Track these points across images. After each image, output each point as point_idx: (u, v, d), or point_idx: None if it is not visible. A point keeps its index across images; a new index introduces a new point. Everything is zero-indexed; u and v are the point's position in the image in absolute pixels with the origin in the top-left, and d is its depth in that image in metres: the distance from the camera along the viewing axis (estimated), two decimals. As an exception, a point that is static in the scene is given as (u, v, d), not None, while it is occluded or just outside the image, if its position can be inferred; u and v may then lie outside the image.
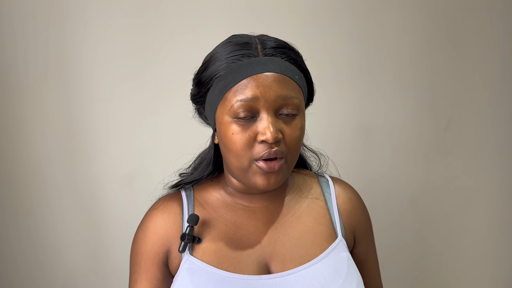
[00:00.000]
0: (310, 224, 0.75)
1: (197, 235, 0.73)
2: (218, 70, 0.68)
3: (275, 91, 0.65)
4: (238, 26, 1.13)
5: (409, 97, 1.35)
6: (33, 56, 1.13)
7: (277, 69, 0.67)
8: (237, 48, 0.68)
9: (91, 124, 1.18)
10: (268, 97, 0.65)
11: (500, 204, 1.46)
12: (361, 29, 1.29)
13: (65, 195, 1.18)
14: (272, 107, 0.66)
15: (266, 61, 0.67)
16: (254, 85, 0.65)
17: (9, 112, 1.14)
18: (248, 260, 0.70)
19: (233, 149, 0.67)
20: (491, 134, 1.42)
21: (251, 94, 0.65)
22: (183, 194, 0.78)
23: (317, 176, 0.83)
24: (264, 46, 0.69)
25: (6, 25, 1.11)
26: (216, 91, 0.68)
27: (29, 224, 1.17)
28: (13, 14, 1.11)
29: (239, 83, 0.66)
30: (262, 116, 0.66)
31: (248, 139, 0.66)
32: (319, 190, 0.80)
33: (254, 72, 0.66)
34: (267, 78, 0.66)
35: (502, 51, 1.40)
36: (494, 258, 1.48)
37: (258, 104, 0.65)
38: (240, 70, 0.66)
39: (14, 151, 1.15)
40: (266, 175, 0.67)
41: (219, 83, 0.68)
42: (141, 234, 0.75)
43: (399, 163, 1.37)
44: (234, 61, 0.67)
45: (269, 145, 0.65)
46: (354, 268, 0.72)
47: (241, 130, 0.66)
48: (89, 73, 1.16)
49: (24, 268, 1.18)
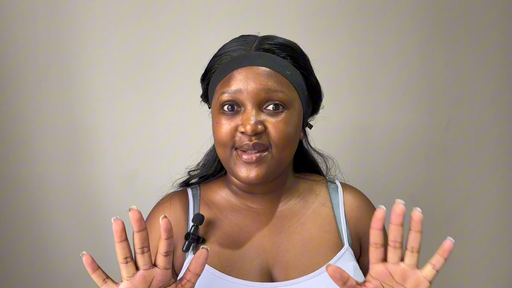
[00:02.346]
0: (315, 231, 0.74)
1: (202, 235, 0.72)
2: (214, 66, 0.72)
3: (259, 84, 0.66)
4: (240, 28, 1.13)
5: (409, 97, 1.35)
6: (33, 56, 1.13)
7: (264, 64, 0.67)
8: (233, 45, 0.71)
9: (92, 124, 1.18)
10: (250, 89, 0.66)
11: (500, 204, 1.46)
12: (361, 29, 1.29)
13: (65, 195, 1.18)
14: (254, 99, 0.66)
15: (254, 56, 0.68)
16: (238, 78, 0.67)
17: (9, 112, 1.14)
18: (251, 266, 0.69)
19: (217, 138, 0.69)
20: (491, 134, 1.42)
21: (235, 86, 0.67)
22: (190, 192, 0.78)
23: (326, 181, 0.82)
24: (261, 43, 0.70)
25: (6, 25, 1.11)
26: (211, 86, 0.72)
27: (29, 224, 1.17)
28: (13, 14, 1.11)
29: (226, 76, 0.68)
30: (245, 108, 0.67)
31: (230, 129, 0.67)
32: (327, 196, 0.78)
33: (240, 65, 0.67)
34: (252, 71, 0.67)
35: (502, 51, 1.40)
36: (494, 258, 1.48)
37: (241, 96, 0.66)
38: (228, 64, 0.69)
39: (14, 151, 1.15)
40: (247, 166, 0.67)
41: (213, 78, 0.71)
42: (148, 229, 0.75)
43: (399, 163, 1.37)
44: (226, 57, 0.70)
45: (248, 137, 0.66)
46: (361, 279, 0.70)
47: (225, 121, 0.67)
48: (89, 73, 1.16)
49: (24, 268, 1.18)
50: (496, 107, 1.41)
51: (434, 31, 1.34)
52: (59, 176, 1.17)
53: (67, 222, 1.19)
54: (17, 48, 1.12)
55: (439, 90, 1.36)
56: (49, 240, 1.19)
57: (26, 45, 1.12)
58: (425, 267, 0.55)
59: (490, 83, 1.40)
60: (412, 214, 0.54)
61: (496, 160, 1.44)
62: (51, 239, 1.19)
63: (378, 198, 1.36)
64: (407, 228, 0.56)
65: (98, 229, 1.21)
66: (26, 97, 1.14)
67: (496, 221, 1.47)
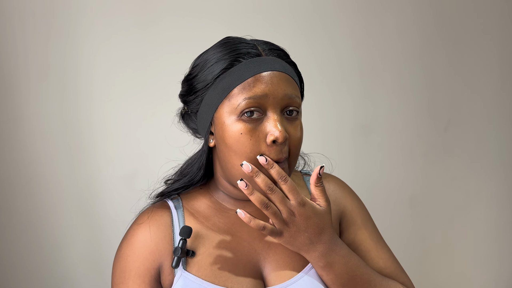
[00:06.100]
0: None
1: (191, 248, 0.68)
2: (220, 69, 0.66)
3: (282, 89, 0.65)
4: (238, 27, 1.13)
5: (409, 97, 1.35)
6: (33, 56, 1.13)
7: (282, 68, 0.66)
8: (239, 47, 0.67)
9: (91, 124, 1.18)
10: (276, 95, 0.64)
11: (500, 204, 1.46)
12: (361, 29, 1.29)
13: (65, 195, 1.18)
14: (279, 105, 0.65)
15: (270, 60, 0.66)
16: (263, 83, 0.64)
17: (9, 112, 1.14)
18: (245, 271, 0.68)
19: (240, 149, 0.64)
20: (491, 134, 1.42)
21: (260, 91, 0.64)
22: (171, 204, 0.73)
23: (302, 175, 0.81)
24: (268, 47, 0.69)
25: (6, 25, 1.11)
26: (217, 91, 0.67)
27: (29, 224, 1.17)
28: (13, 14, 1.11)
29: (246, 81, 0.65)
30: (270, 115, 0.65)
31: (257, 139, 0.64)
32: (305, 189, 0.78)
33: (261, 70, 0.65)
34: (274, 77, 0.65)
35: (502, 51, 1.40)
36: (494, 258, 1.48)
37: (266, 102, 0.64)
38: (246, 68, 0.65)
39: (14, 151, 1.15)
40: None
41: (222, 82, 0.66)
42: (128, 250, 0.69)
43: (399, 163, 1.37)
44: (238, 59, 0.66)
45: (279, 147, 0.64)
46: None
47: (250, 130, 0.64)
48: (89, 73, 1.16)
49: (24, 268, 1.18)
50: (496, 107, 1.41)
51: (434, 32, 1.34)
52: (59, 176, 1.17)
53: (67, 221, 1.19)
54: (17, 48, 1.12)
55: (439, 90, 1.37)
56: (49, 240, 1.19)
57: (26, 45, 1.12)
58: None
59: (490, 83, 1.40)
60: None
61: (496, 160, 1.44)
62: (51, 239, 1.19)
63: (378, 198, 1.37)
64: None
65: (98, 229, 1.21)
66: (26, 97, 1.14)
67: (496, 221, 1.47)
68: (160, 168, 0.80)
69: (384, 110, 1.33)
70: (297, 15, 1.25)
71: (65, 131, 1.16)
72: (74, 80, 1.15)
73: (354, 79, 1.30)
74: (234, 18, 1.21)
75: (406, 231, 1.39)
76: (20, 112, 1.14)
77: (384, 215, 1.36)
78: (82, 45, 1.15)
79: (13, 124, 1.14)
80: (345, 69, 1.29)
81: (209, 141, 0.70)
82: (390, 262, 0.77)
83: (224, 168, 0.69)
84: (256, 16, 1.22)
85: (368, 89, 1.32)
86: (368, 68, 1.31)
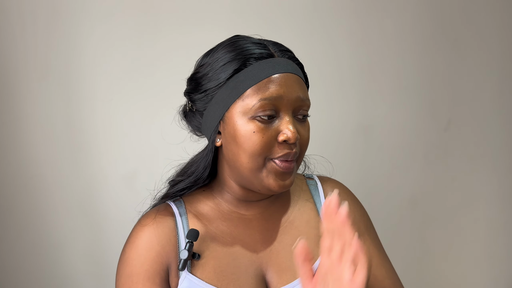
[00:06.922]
0: (302, 228, 0.74)
1: (196, 250, 0.69)
2: (233, 69, 0.66)
3: (296, 91, 0.66)
4: (239, 27, 1.13)
5: (409, 97, 1.35)
6: (33, 56, 1.13)
7: (294, 70, 0.67)
8: (251, 47, 0.67)
9: (92, 124, 1.18)
10: (290, 97, 0.65)
11: (500, 204, 1.46)
12: (361, 29, 1.29)
13: (65, 195, 1.18)
14: (292, 107, 0.66)
15: (283, 61, 0.67)
16: (278, 84, 0.65)
17: (9, 112, 1.14)
18: (247, 275, 0.69)
19: (251, 148, 0.65)
20: (491, 134, 1.42)
21: (276, 93, 0.65)
22: (173, 206, 0.73)
23: (305, 178, 0.82)
24: (274, 48, 0.69)
25: (6, 25, 1.11)
26: (229, 91, 0.66)
27: (29, 224, 1.17)
28: (13, 14, 1.11)
29: (261, 81, 0.65)
30: (283, 116, 0.66)
31: (269, 138, 0.65)
32: (308, 193, 0.79)
33: (275, 71, 0.65)
34: (288, 79, 0.66)
35: (502, 51, 1.40)
36: (494, 258, 1.48)
37: (281, 103, 0.65)
38: (260, 69, 0.65)
39: (14, 151, 1.15)
40: (280, 176, 0.66)
41: (234, 82, 0.66)
42: (133, 253, 0.69)
43: (399, 163, 1.37)
44: (251, 60, 0.66)
45: (289, 146, 0.65)
46: None
47: (262, 129, 0.65)
48: (90, 73, 1.16)
49: (24, 268, 1.18)
50: (496, 107, 1.41)
51: (434, 32, 1.34)
52: (59, 176, 1.17)
53: (67, 222, 1.19)
54: (17, 48, 1.12)
55: (439, 90, 1.37)
56: (49, 240, 1.19)
57: (25, 45, 1.12)
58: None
59: (490, 83, 1.40)
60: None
61: (496, 160, 1.44)
62: (51, 239, 1.19)
63: (378, 198, 1.37)
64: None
65: (98, 229, 1.21)
66: (26, 97, 1.14)
67: (496, 221, 1.47)
68: (163, 169, 0.80)
69: (384, 110, 1.33)
70: (297, 15, 1.25)
71: (65, 131, 1.16)
72: (74, 80, 1.16)
73: (354, 79, 1.30)
74: (233, 19, 1.21)
75: (406, 231, 1.39)
76: (20, 112, 1.14)
77: (384, 215, 1.36)
78: (82, 45, 1.15)
79: (13, 124, 1.14)
80: (345, 69, 1.29)
81: (216, 140, 0.70)
82: (391, 272, 0.77)
83: (233, 167, 0.69)
84: (256, 17, 1.22)
85: (368, 89, 1.32)
86: (368, 68, 1.31)
